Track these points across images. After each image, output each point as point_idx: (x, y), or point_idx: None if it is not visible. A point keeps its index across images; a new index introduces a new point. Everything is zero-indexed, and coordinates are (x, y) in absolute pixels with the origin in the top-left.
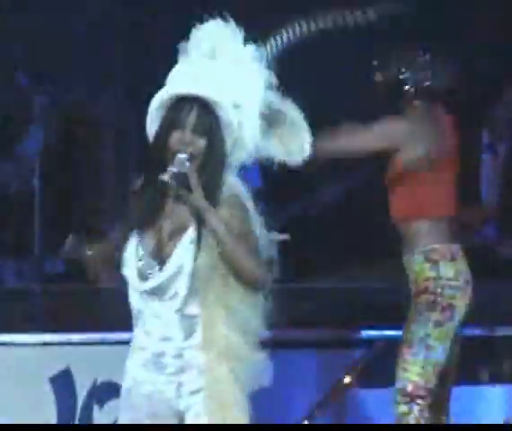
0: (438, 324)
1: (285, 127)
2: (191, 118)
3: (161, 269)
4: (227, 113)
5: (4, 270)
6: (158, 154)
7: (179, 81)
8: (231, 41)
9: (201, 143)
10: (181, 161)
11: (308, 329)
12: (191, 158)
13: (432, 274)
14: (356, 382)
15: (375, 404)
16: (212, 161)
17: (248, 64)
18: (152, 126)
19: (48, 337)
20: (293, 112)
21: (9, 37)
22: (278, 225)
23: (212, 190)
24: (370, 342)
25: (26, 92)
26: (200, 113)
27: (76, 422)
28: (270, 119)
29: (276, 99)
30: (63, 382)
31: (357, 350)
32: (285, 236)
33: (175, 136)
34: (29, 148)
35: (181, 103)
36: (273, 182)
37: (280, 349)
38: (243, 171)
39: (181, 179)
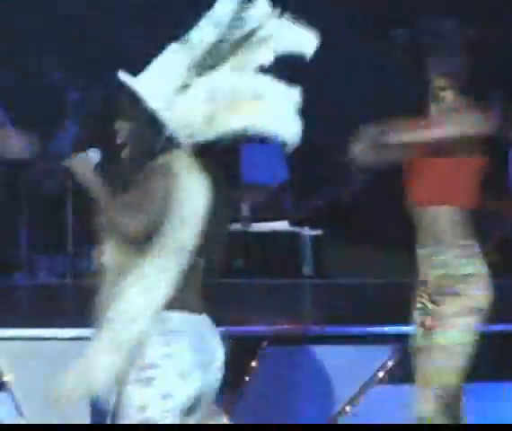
0: (471, 328)
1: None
2: (119, 106)
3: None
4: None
5: (37, 266)
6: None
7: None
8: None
9: (126, 127)
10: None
11: (340, 325)
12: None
13: (472, 271)
14: (388, 378)
15: (406, 400)
16: (136, 143)
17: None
18: None
19: (80, 331)
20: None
21: (42, 34)
22: (307, 220)
23: (138, 162)
24: (403, 338)
25: (59, 89)
26: (125, 102)
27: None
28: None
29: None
30: None
31: (390, 346)
32: (317, 231)
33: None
34: (62, 145)
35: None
36: (300, 176)
37: (313, 344)
38: (270, 166)
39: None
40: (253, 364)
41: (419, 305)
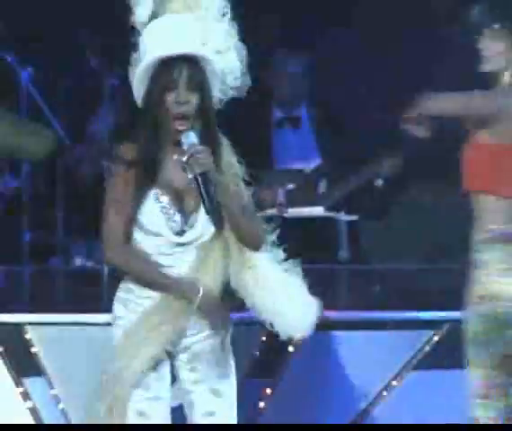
0: None
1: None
2: (183, 76)
3: (192, 226)
4: (213, 65)
5: (75, 251)
6: (153, 116)
7: (163, 41)
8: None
9: (194, 99)
10: (192, 141)
11: (376, 311)
12: (192, 123)
13: None
14: (423, 365)
15: (441, 386)
16: (207, 115)
17: (218, 12)
18: (140, 89)
19: None
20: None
21: (79, 19)
22: (343, 205)
23: (213, 144)
24: (438, 324)
25: (97, 75)
26: (191, 70)
27: None
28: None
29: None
30: None
31: (425, 332)
32: (353, 217)
33: (170, 97)
34: (99, 130)
35: (171, 63)
36: (335, 160)
37: (348, 330)
38: (302, 150)
39: (197, 161)
40: (290, 349)
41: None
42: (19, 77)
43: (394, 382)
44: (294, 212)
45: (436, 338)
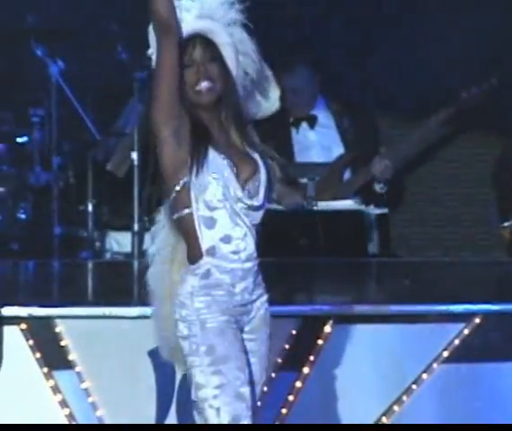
0: None
1: (263, 83)
2: (197, 50)
3: (254, 193)
4: (225, 39)
5: (104, 244)
6: (181, 94)
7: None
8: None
9: (213, 69)
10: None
11: (407, 304)
12: (213, 87)
13: None
14: (454, 358)
15: (473, 378)
16: (230, 86)
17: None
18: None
19: (144, 310)
20: (267, 70)
21: (108, 13)
22: (372, 199)
23: (241, 119)
24: (468, 316)
25: (126, 68)
26: (203, 44)
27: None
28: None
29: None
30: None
31: (456, 325)
32: (384, 210)
33: (190, 72)
34: (129, 123)
35: (185, 43)
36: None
37: (378, 323)
38: (324, 145)
39: None
40: (319, 342)
41: None
42: (49, 71)
43: (425, 376)
44: (323, 205)
45: (466, 332)
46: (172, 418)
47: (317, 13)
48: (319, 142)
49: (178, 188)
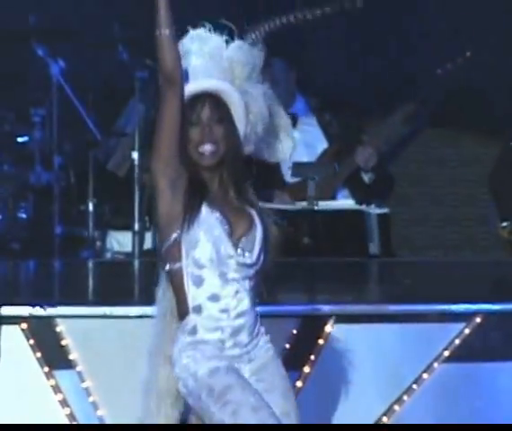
0: None
1: (275, 134)
2: (206, 110)
3: (248, 251)
4: (235, 99)
5: (105, 244)
6: (182, 151)
7: (195, 78)
8: (221, 41)
9: (219, 131)
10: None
11: (407, 304)
12: (216, 151)
13: None
14: (453, 357)
15: (473, 378)
16: (235, 149)
17: (241, 54)
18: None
19: (145, 309)
20: (283, 118)
21: (109, 14)
22: (374, 199)
23: (241, 179)
24: (469, 316)
25: (127, 68)
26: (214, 105)
27: None
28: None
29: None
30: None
31: (456, 324)
32: (384, 210)
33: (195, 132)
34: (129, 123)
35: (195, 101)
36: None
37: (379, 323)
38: (312, 146)
39: None
40: (320, 342)
41: None
42: (50, 71)
43: (425, 375)
44: (324, 205)
45: (467, 331)
46: None
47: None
48: (302, 140)
49: (170, 240)
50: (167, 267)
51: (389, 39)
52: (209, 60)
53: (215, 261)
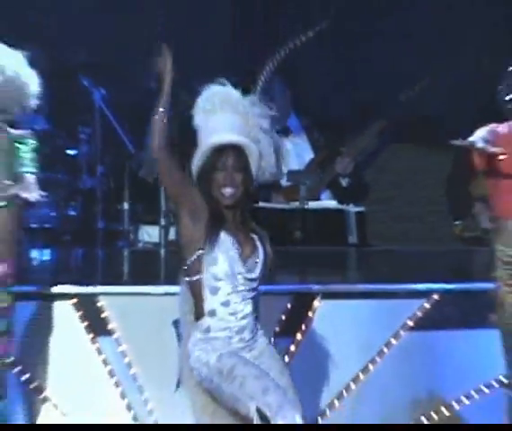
0: None
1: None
2: (230, 160)
3: (252, 269)
4: (253, 151)
5: (137, 236)
6: (206, 188)
7: (217, 133)
8: (239, 96)
9: (239, 177)
10: None
11: (379, 284)
12: (240, 199)
13: None
14: (416, 326)
15: (432, 343)
16: (249, 192)
17: (256, 109)
18: (197, 168)
19: (170, 288)
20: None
21: (138, 49)
22: (352, 199)
23: (249, 211)
24: (429, 293)
25: (154, 94)
26: (236, 155)
27: None
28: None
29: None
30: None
31: (418, 300)
32: (360, 208)
33: (220, 175)
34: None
35: (221, 149)
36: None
37: (357, 299)
38: (302, 156)
39: None
40: (309, 314)
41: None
42: (93, 97)
43: (393, 341)
44: (312, 204)
45: (427, 306)
46: None
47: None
48: (294, 151)
49: (192, 258)
50: (188, 278)
51: (364, 72)
52: (231, 114)
53: (229, 276)
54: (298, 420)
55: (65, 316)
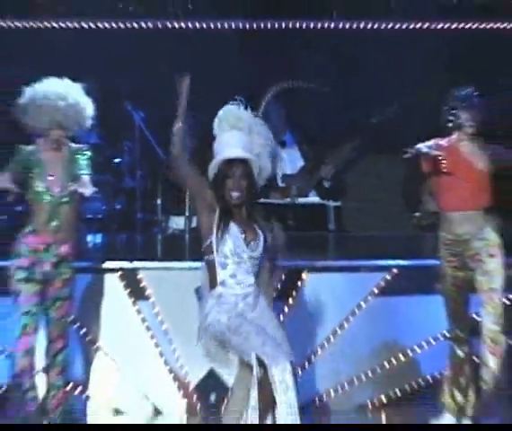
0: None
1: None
2: (237, 170)
3: (254, 249)
4: (255, 163)
5: (167, 224)
6: (219, 191)
7: (228, 148)
8: (246, 118)
9: (244, 184)
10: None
11: (351, 260)
12: (244, 199)
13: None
14: (380, 293)
15: (393, 307)
16: (252, 193)
17: (259, 128)
18: (211, 174)
19: (194, 264)
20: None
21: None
22: (330, 196)
23: (255, 210)
24: (389, 268)
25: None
26: (243, 167)
27: None
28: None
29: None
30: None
31: (382, 273)
32: (338, 203)
33: (229, 182)
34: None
35: (231, 161)
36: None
37: (334, 272)
38: (294, 162)
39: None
40: (298, 284)
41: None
42: (133, 118)
43: (363, 304)
44: (301, 200)
45: (388, 277)
46: None
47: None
48: (288, 159)
49: (208, 242)
50: (206, 257)
51: (345, 100)
52: (239, 132)
53: (235, 255)
54: (288, 367)
55: (112, 285)
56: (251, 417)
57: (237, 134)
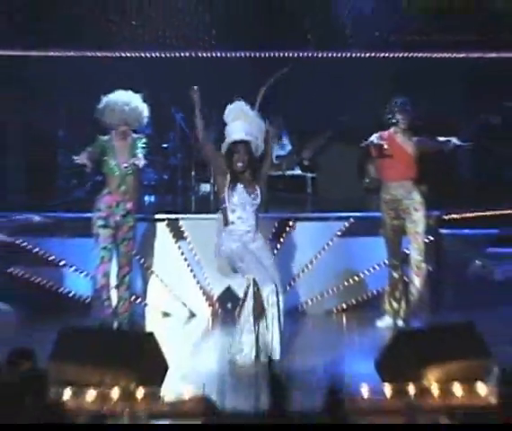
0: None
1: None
2: (241, 148)
3: (254, 199)
4: (254, 144)
5: (199, 188)
6: (229, 163)
7: (234, 133)
8: (247, 110)
9: (246, 158)
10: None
11: (320, 212)
12: (246, 167)
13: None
14: (341, 235)
15: (350, 245)
16: (253, 165)
17: (256, 119)
18: (224, 150)
19: (215, 216)
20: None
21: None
22: (308, 167)
23: (260, 178)
24: (347, 218)
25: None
26: (245, 146)
27: None
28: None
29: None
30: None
31: (341, 222)
32: (314, 174)
33: (236, 156)
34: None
35: (236, 142)
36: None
37: (310, 222)
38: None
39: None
40: (287, 229)
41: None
42: (175, 117)
43: (330, 242)
44: (289, 173)
45: (346, 224)
46: None
47: None
48: (280, 145)
49: (222, 195)
50: (221, 206)
51: (323, 104)
52: (247, 123)
53: (241, 203)
54: (274, 288)
55: (161, 230)
56: (250, 319)
57: (241, 123)
